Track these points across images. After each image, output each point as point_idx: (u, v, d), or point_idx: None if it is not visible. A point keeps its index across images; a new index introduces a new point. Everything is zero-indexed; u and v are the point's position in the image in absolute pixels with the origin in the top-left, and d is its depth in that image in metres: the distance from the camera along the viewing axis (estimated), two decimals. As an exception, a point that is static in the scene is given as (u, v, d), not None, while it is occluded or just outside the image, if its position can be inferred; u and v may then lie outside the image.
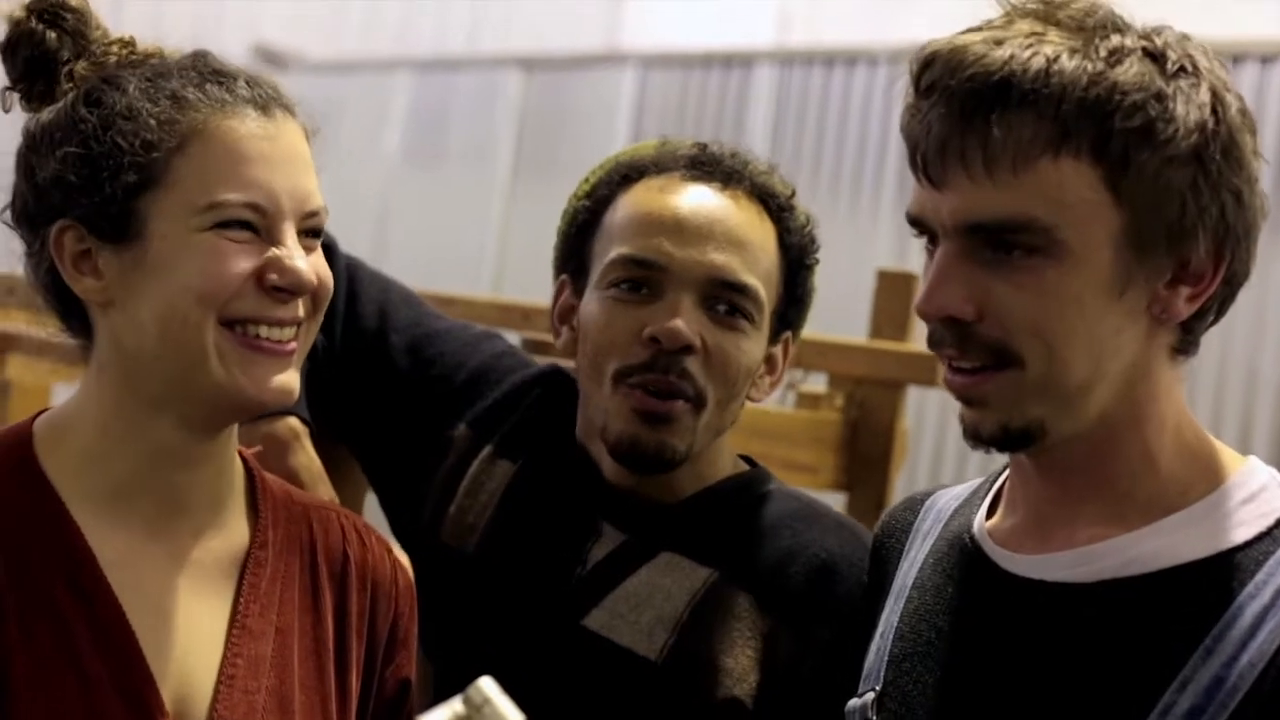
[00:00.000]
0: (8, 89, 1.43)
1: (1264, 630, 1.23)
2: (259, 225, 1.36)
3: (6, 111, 1.44)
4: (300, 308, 1.39)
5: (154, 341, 1.36)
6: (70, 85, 1.40)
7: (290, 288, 1.37)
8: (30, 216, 1.40)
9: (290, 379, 1.39)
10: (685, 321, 1.65)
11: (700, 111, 6.78)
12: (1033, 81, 1.25)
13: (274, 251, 1.36)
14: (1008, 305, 1.27)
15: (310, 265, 1.38)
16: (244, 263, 1.35)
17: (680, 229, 1.68)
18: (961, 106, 1.26)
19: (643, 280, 1.67)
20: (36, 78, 1.42)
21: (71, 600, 1.34)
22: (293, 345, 1.39)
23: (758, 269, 1.69)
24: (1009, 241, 1.27)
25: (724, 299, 1.67)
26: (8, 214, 1.42)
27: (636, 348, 1.66)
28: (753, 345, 1.70)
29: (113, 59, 1.42)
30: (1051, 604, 1.31)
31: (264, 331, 1.37)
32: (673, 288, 1.66)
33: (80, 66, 1.41)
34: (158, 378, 1.37)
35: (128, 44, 1.43)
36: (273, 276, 1.36)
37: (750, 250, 1.69)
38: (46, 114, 1.40)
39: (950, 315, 1.29)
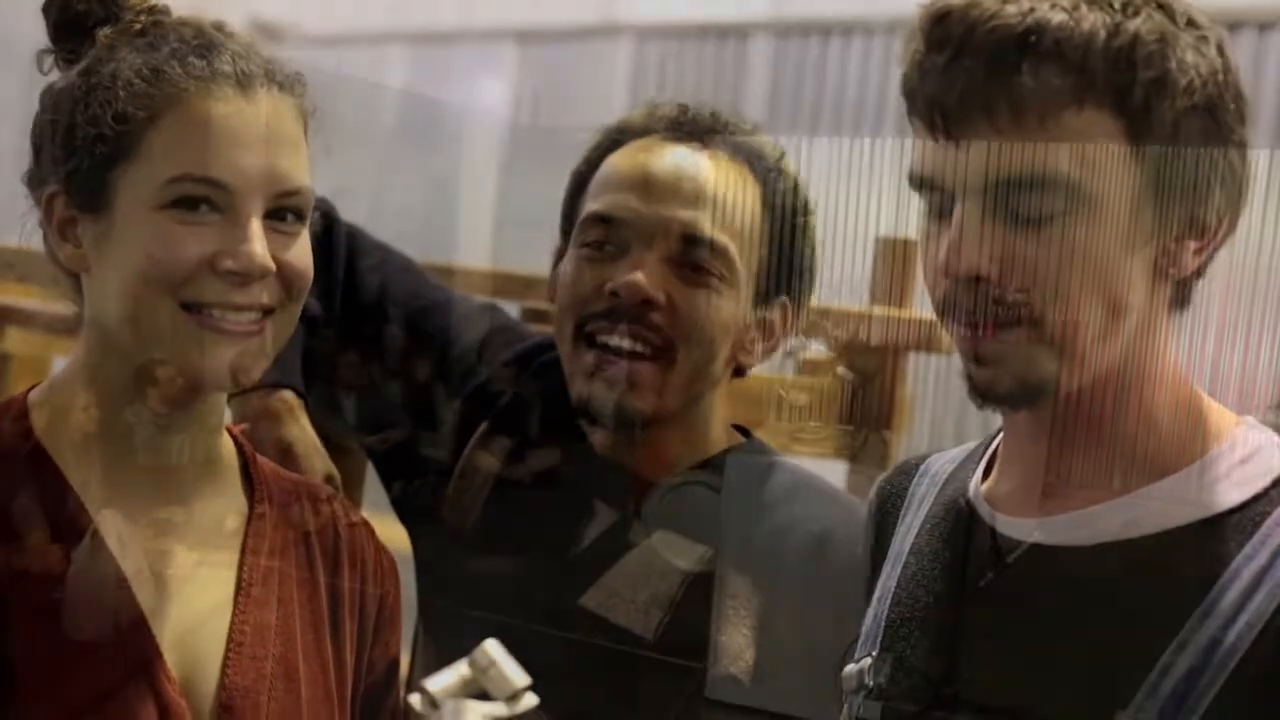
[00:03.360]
0: (44, 51, 1.42)
1: (1261, 592, 1.23)
2: (222, 204, 1.33)
3: (45, 74, 1.41)
4: (263, 294, 1.36)
5: (116, 315, 1.36)
6: (93, 50, 1.38)
7: (243, 273, 1.34)
8: (32, 181, 1.40)
9: (248, 360, 1.36)
10: (646, 275, 1.64)
11: (697, 83, 6.76)
12: (1057, 31, 1.24)
13: (232, 235, 1.33)
14: (1030, 262, 1.26)
15: (271, 249, 1.35)
16: (194, 247, 1.32)
17: (647, 185, 1.67)
18: (988, 59, 1.25)
19: (609, 237, 1.67)
20: (66, 41, 1.40)
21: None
22: (256, 326, 1.36)
23: (730, 226, 1.67)
24: (1032, 196, 1.26)
25: (691, 255, 1.66)
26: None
27: (598, 301, 1.66)
28: (726, 303, 1.67)
29: (137, 26, 1.39)
30: (1049, 567, 1.31)
31: (218, 314, 1.34)
32: (637, 244, 1.66)
33: (104, 33, 1.38)
34: (125, 347, 1.37)
35: (156, 10, 1.41)
36: (227, 262, 1.33)
37: (723, 206, 1.67)
38: (59, 80, 1.39)
39: (976, 274, 1.27)
